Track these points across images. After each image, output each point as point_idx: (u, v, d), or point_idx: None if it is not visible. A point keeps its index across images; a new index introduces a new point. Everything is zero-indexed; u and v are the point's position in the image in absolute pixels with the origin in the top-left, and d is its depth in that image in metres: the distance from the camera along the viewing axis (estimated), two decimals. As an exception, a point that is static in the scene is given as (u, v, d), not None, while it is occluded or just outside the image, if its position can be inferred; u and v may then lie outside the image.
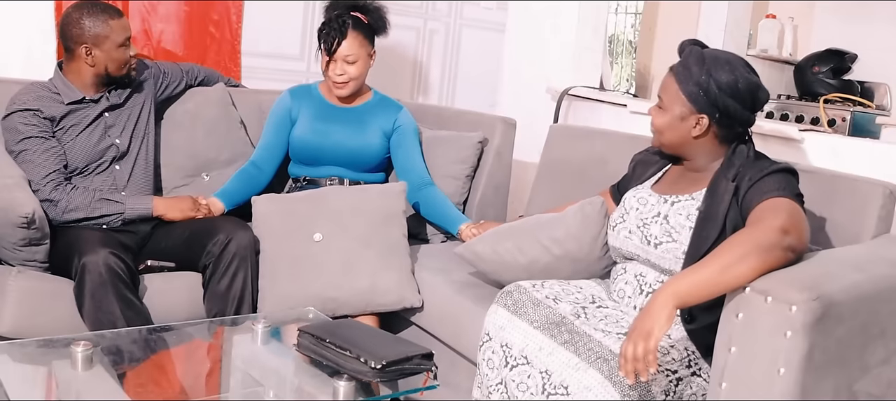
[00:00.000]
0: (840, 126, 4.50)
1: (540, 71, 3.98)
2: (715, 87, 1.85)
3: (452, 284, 2.42)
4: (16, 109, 2.40)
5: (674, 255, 1.86)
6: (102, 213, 2.43)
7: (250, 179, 2.81)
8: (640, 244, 1.94)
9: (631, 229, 1.97)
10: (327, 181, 2.84)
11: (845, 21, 5.16)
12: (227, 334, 2.23)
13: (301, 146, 2.85)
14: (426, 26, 3.88)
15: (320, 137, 2.84)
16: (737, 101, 1.86)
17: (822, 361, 1.50)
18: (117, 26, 2.48)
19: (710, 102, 1.86)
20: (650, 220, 1.94)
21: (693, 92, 1.87)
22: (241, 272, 2.37)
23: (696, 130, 1.90)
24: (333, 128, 2.86)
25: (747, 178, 1.80)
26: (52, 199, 2.36)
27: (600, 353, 1.73)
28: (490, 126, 3.05)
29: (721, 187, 1.83)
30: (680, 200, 1.91)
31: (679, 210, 1.89)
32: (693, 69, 1.88)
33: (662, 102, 1.95)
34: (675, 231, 1.87)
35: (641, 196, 2.01)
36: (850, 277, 1.60)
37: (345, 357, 1.73)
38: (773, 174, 1.79)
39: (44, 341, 1.91)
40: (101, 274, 2.15)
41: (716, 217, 1.79)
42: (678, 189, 1.97)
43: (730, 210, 1.79)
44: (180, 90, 2.90)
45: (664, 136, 1.97)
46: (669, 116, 1.93)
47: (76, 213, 2.39)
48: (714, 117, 1.87)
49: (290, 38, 3.47)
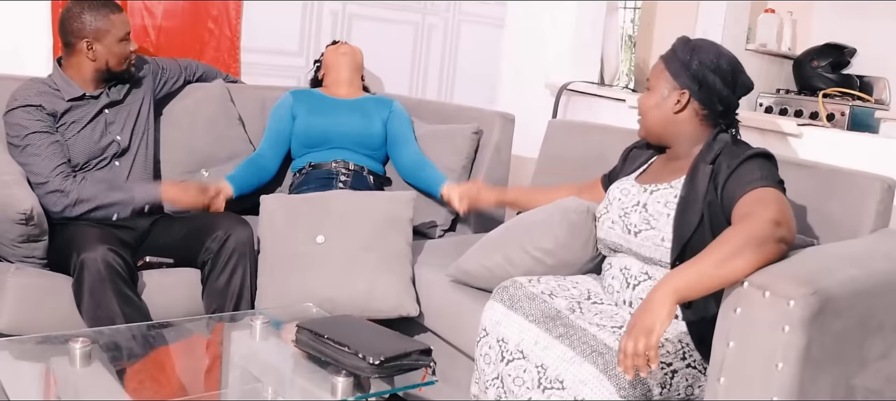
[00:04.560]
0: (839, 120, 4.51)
1: (539, 66, 3.98)
2: (697, 62, 1.90)
3: (449, 280, 2.41)
4: (18, 104, 2.40)
5: (653, 242, 1.87)
6: (114, 200, 2.43)
7: (258, 169, 2.89)
8: (622, 234, 1.95)
9: (613, 219, 1.99)
10: (332, 164, 2.86)
11: (844, 15, 5.16)
12: (226, 330, 2.24)
13: (308, 132, 2.93)
14: (425, 21, 3.88)
15: (326, 121, 2.95)
16: (718, 75, 1.90)
17: (820, 355, 1.50)
18: (118, 21, 2.49)
19: (691, 75, 1.90)
20: (630, 209, 1.95)
21: (676, 68, 1.93)
22: (240, 268, 2.37)
23: (677, 105, 1.93)
24: (338, 113, 2.98)
25: (725, 164, 1.82)
26: (63, 189, 2.36)
27: (595, 347, 1.73)
28: (489, 121, 3.06)
29: (700, 172, 1.85)
30: (659, 189, 1.93)
31: (657, 198, 1.91)
32: (679, 50, 1.95)
33: (649, 83, 2.02)
34: (653, 219, 1.88)
35: (624, 187, 2.03)
36: (847, 272, 1.60)
37: (343, 353, 1.73)
38: (751, 160, 1.80)
39: (42, 338, 1.91)
40: (99, 270, 2.16)
41: (696, 201, 1.82)
42: (659, 178, 1.98)
43: (708, 193, 1.81)
44: (179, 86, 2.91)
45: (648, 116, 2.01)
46: (654, 96, 1.97)
47: (89, 203, 2.39)
48: (694, 91, 1.91)
49: (288, 34, 3.47)
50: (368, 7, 3.67)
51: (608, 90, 3.75)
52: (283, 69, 3.46)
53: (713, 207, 1.80)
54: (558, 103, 3.74)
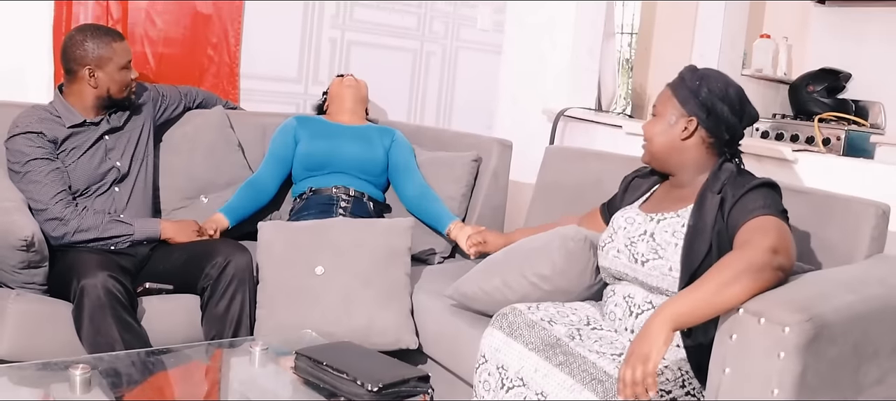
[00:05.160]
0: (835, 145, 4.52)
1: (536, 93, 4.00)
2: (705, 90, 1.92)
3: (448, 306, 2.42)
4: (19, 131, 2.42)
5: (660, 272, 1.87)
6: (113, 234, 2.45)
7: (256, 192, 2.90)
8: (628, 263, 1.96)
9: (619, 249, 1.99)
10: (333, 189, 2.87)
11: (839, 40, 5.20)
12: (225, 356, 2.23)
13: (310, 155, 2.94)
14: (423, 48, 3.91)
15: (328, 146, 2.96)
16: (725, 104, 1.92)
17: (816, 382, 1.51)
18: (120, 49, 2.51)
19: (700, 103, 1.92)
20: (637, 238, 1.96)
21: (685, 96, 1.95)
22: (239, 295, 2.38)
23: (685, 132, 1.94)
24: (340, 139, 3.00)
25: (731, 193, 1.83)
26: (61, 217, 2.38)
27: (595, 374, 1.74)
28: (487, 148, 3.07)
29: (708, 201, 1.86)
30: (666, 218, 1.93)
31: (665, 227, 1.91)
32: (687, 78, 1.97)
33: (656, 110, 2.02)
34: (660, 248, 1.89)
35: (629, 216, 2.04)
36: (842, 298, 1.61)
37: (341, 380, 1.74)
38: (756, 189, 1.81)
39: (42, 365, 1.91)
40: (99, 297, 2.16)
41: (704, 230, 1.82)
42: (664, 207, 1.99)
43: (716, 223, 1.82)
44: (179, 113, 2.93)
45: (654, 142, 2.01)
46: (661, 123, 1.98)
47: (88, 233, 2.41)
48: (702, 119, 1.92)
49: (287, 61, 3.50)
50: (367, 35, 3.71)
51: (605, 116, 3.77)
52: (282, 96, 3.48)
53: (722, 237, 1.80)
54: (555, 129, 3.76)
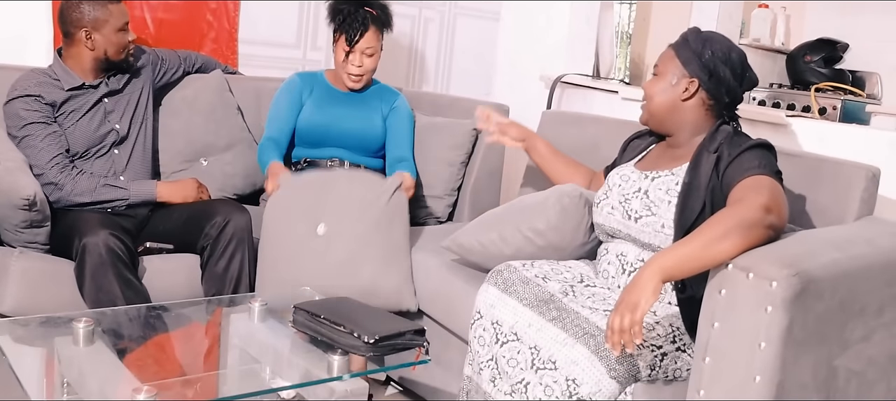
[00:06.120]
0: (831, 114, 4.54)
1: (534, 59, 4.01)
2: (709, 53, 1.94)
3: (445, 264, 2.46)
4: (17, 95, 2.44)
5: (653, 229, 1.91)
6: (107, 198, 2.47)
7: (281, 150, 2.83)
8: (621, 219, 1.99)
9: (613, 205, 2.02)
10: (328, 162, 2.88)
11: (837, 11, 5.19)
12: (225, 312, 2.27)
13: (308, 129, 2.90)
14: (421, 14, 3.91)
15: (326, 120, 2.90)
16: (728, 67, 1.94)
17: (802, 336, 1.54)
18: (116, 11, 2.52)
19: (703, 65, 1.94)
20: (631, 195, 1.99)
21: (687, 57, 1.97)
22: (239, 253, 2.41)
23: (686, 93, 1.97)
24: (339, 111, 2.92)
25: (727, 153, 1.86)
26: (56, 182, 2.40)
27: (588, 329, 1.78)
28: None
29: (703, 159, 1.88)
30: (660, 176, 1.96)
31: (659, 185, 1.94)
32: (691, 39, 1.99)
33: (657, 69, 2.04)
34: (654, 205, 1.92)
35: (624, 173, 2.07)
36: (829, 255, 1.64)
37: (338, 332, 1.77)
38: (752, 149, 1.84)
39: (45, 319, 1.95)
40: (101, 255, 2.19)
41: (699, 188, 1.85)
42: (659, 165, 2.02)
43: (711, 181, 1.84)
44: (178, 77, 2.94)
45: (653, 101, 2.03)
46: (662, 82, 2.01)
47: (81, 197, 2.43)
48: (704, 81, 1.95)
49: (286, 26, 3.50)
50: (365, 0, 3.70)
51: (602, 82, 3.79)
52: (281, 61, 3.49)
53: (716, 195, 1.84)
54: (552, 95, 3.78)
